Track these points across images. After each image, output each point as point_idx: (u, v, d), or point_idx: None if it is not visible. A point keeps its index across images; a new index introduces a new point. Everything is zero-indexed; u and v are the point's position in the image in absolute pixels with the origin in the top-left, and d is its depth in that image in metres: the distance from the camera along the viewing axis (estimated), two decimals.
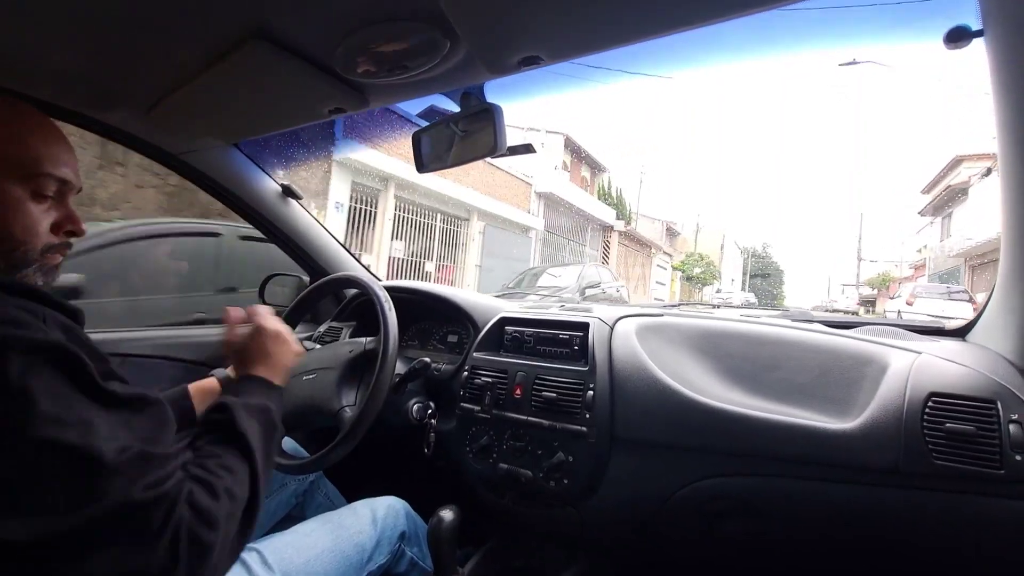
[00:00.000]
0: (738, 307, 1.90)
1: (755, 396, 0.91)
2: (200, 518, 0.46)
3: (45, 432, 0.40)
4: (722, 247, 34.03)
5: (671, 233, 28.85)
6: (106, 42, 0.72)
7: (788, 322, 1.07)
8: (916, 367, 0.82)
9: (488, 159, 0.89)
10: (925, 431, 0.75)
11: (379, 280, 1.02)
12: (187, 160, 1.17)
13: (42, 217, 0.56)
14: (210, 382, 0.90)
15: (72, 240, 0.60)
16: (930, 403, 0.76)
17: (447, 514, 0.82)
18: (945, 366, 0.82)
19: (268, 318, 0.76)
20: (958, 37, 0.60)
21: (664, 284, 23.13)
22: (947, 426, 0.74)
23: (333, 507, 0.91)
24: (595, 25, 0.60)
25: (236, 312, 0.80)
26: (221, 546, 0.48)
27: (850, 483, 0.79)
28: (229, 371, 0.89)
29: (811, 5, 0.57)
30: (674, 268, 25.17)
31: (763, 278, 40.57)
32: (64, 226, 0.58)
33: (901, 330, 1.03)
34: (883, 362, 0.86)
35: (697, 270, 27.65)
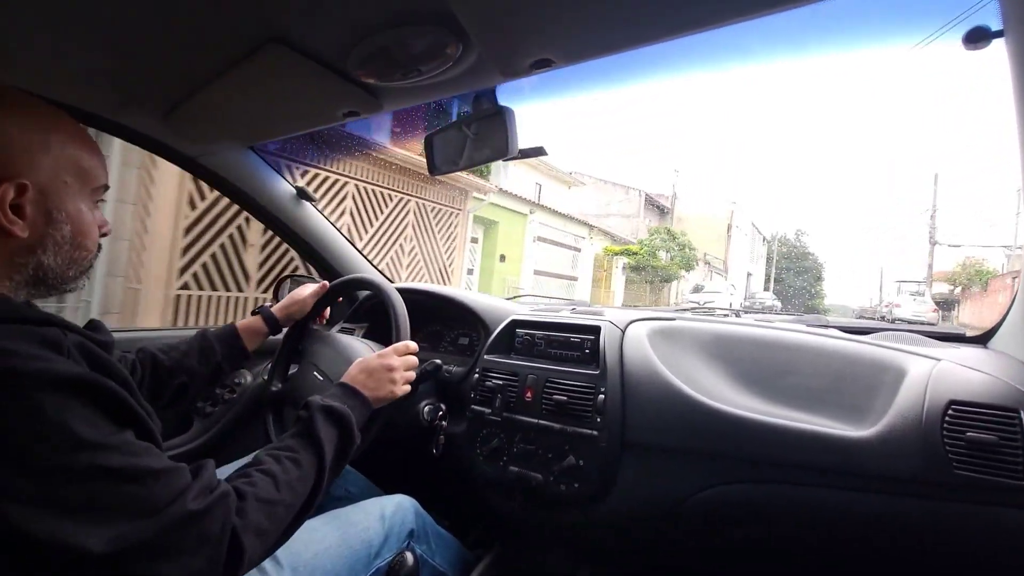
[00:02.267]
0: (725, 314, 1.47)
1: (768, 402, 0.90)
2: (259, 513, 0.54)
3: (92, 459, 0.44)
4: (729, 229, 23.36)
5: (656, 208, 20.81)
6: (128, 47, 0.73)
7: (803, 327, 1.06)
8: (935, 374, 0.80)
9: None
10: (945, 440, 0.73)
11: (391, 282, 1.03)
12: (204, 162, 1.18)
13: (95, 223, 0.59)
14: (256, 321, 1.02)
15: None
16: (950, 411, 0.75)
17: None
18: (966, 373, 0.80)
19: (400, 345, 0.89)
20: (978, 38, 0.59)
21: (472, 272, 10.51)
22: (968, 435, 0.72)
23: (350, 502, 0.91)
24: (607, 28, 0.60)
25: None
26: (275, 536, 0.57)
27: (866, 492, 0.77)
28: (274, 309, 1.04)
29: (827, 6, 0.57)
30: (614, 254, 15.43)
31: (797, 274, 31.45)
32: (101, 229, 0.61)
33: (919, 336, 1.01)
34: (901, 369, 0.84)
35: (665, 255, 16.37)
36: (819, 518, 0.81)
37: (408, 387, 0.86)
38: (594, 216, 18.08)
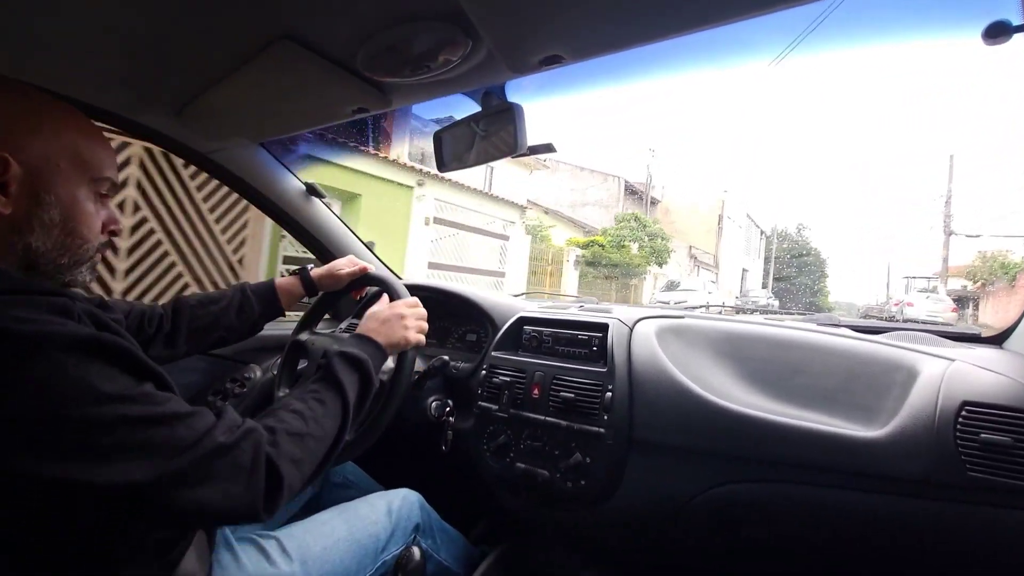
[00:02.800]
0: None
1: (778, 401, 0.89)
2: (290, 443, 0.57)
3: (116, 410, 0.46)
4: (720, 220, 20.69)
5: (637, 197, 18.43)
6: (142, 47, 0.74)
7: (813, 326, 1.05)
8: (949, 374, 0.79)
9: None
10: (958, 441, 0.72)
11: (400, 278, 1.03)
12: (215, 159, 1.20)
13: (98, 217, 0.60)
14: (294, 282, 1.04)
15: (114, 240, 0.63)
16: (964, 412, 0.73)
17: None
18: (980, 374, 0.79)
19: (407, 299, 0.92)
20: (998, 33, 0.58)
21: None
22: (982, 437, 0.71)
23: (354, 495, 0.93)
24: (618, 24, 0.59)
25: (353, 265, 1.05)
26: (310, 466, 0.60)
27: (877, 493, 0.76)
28: (313, 273, 1.04)
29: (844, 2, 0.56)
30: (579, 246, 12.83)
31: (799, 270, 28.50)
32: (109, 226, 0.62)
33: (932, 336, 1.00)
34: (913, 369, 0.83)
35: (635, 247, 13.84)
36: (828, 518, 0.81)
37: (423, 336, 0.89)
38: (569, 205, 16.93)
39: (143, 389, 0.49)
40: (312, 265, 1.06)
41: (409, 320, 0.86)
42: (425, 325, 0.90)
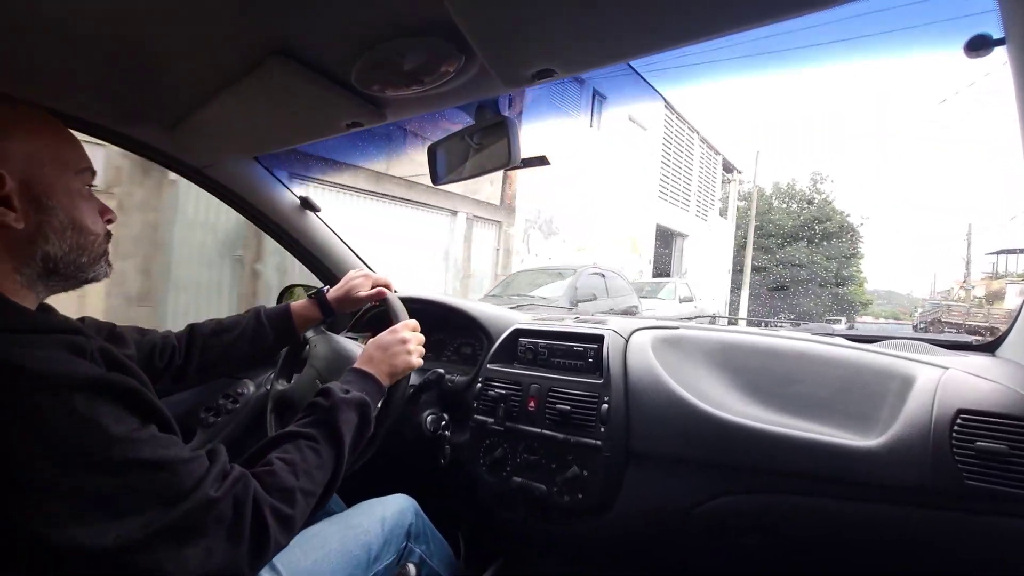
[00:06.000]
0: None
1: (774, 411, 0.89)
2: (279, 499, 0.55)
3: (124, 452, 0.45)
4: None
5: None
6: (134, 60, 0.74)
7: (807, 335, 1.05)
8: (943, 382, 0.79)
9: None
10: (954, 449, 0.72)
11: (395, 292, 1.03)
12: (210, 174, 1.20)
13: (94, 207, 0.60)
14: (310, 306, 0.99)
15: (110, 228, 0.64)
16: (959, 420, 0.74)
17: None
18: (974, 382, 0.79)
19: (409, 322, 0.88)
20: (979, 46, 0.59)
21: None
22: (978, 444, 0.71)
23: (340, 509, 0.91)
24: (607, 39, 0.60)
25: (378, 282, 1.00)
26: (298, 522, 0.57)
27: (873, 501, 0.76)
28: (329, 296, 1.00)
29: (825, 18, 0.57)
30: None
31: (814, 245, 18.76)
32: (105, 215, 0.62)
33: (926, 344, 1.00)
34: (908, 377, 0.83)
35: None
36: (826, 527, 0.80)
37: (421, 360, 0.87)
38: None
39: (149, 431, 0.49)
40: (327, 287, 1.02)
41: (411, 344, 0.84)
42: (423, 349, 0.89)
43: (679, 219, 14.34)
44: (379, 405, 0.79)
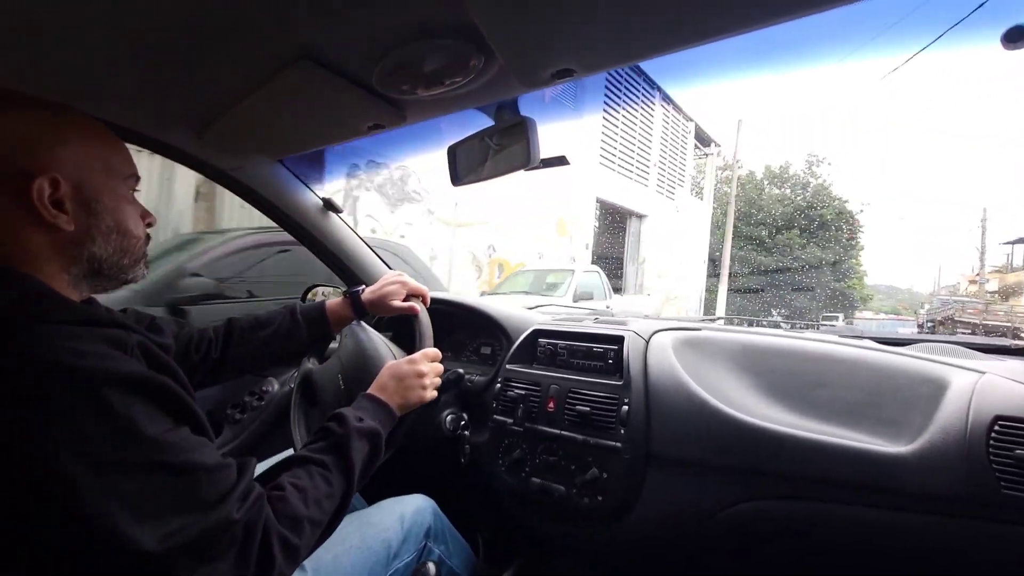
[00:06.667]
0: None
1: (800, 415, 0.87)
2: (288, 526, 0.54)
3: (151, 454, 0.46)
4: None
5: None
6: (167, 67, 0.77)
7: (835, 337, 1.02)
8: (980, 388, 0.76)
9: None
10: (991, 457, 0.69)
11: (427, 306, 1.03)
12: (236, 176, 1.22)
13: (136, 211, 0.62)
14: (344, 305, 0.98)
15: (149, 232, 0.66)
16: (996, 427, 0.71)
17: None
18: (1012, 387, 0.76)
19: (429, 351, 0.87)
20: (1017, 36, 0.57)
21: None
22: (1017, 452, 0.68)
23: (365, 503, 0.92)
24: (626, 38, 0.60)
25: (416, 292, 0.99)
26: (304, 551, 0.57)
27: (904, 510, 0.74)
28: (364, 297, 0.98)
29: (860, 9, 0.55)
30: None
31: (808, 234, 16.71)
32: (146, 218, 0.64)
33: (960, 347, 0.97)
34: (942, 382, 0.80)
35: None
36: (854, 536, 0.78)
37: (436, 392, 0.86)
38: None
39: (180, 433, 0.49)
40: (362, 287, 1.00)
41: (428, 379, 0.83)
42: (439, 381, 0.87)
43: (634, 195, 11.03)
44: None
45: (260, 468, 1.02)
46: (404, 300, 0.98)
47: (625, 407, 0.95)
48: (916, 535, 0.73)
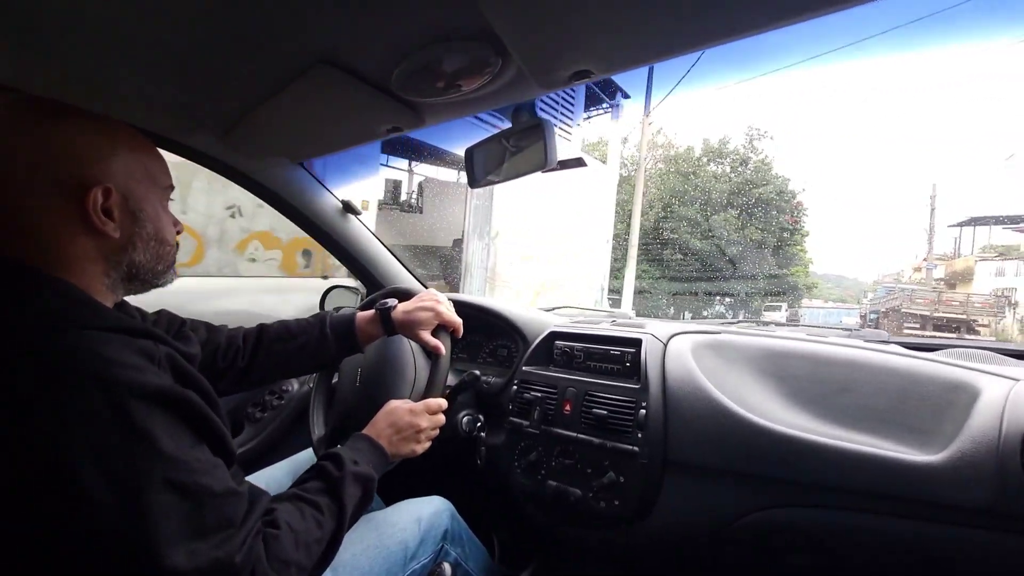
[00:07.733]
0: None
1: (823, 421, 0.85)
2: (276, 569, 0.53)
3: (165, 472, 0.46)
4: None
5: None
6: (192, 72, 0.78)
7: (860, 342, 1.00)
8: (1013, 396, 0.73)
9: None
10: None
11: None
12: (257, 178, 1.25)
13: (170, 220, 0.65)
14: (374, 321, 0.96)
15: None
16: None
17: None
18: None
19: (432, 402, 0.86)
20: None
21: None
22: None
23: (381, 505, 0.93)
24: (644, 38, 0.59)
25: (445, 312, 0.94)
26: None
27: (933, 521, 0.71)
28: (394, 315, 0.95)
29: (886, 6, 0.54)
30: None
31: (746, 213, 15.49)
32: (176, 227, 0.67)
33: (992, 353, 0.93)
34: (973, 389, 0.78)
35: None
36: (880, 547, 0.76)
37: (428, 444, 0.85)
38: None
39: (196, 453, 0.49)
40: (393, 303, 0.97)
41: (424, 433, 0.82)
42: (438, 431, 0.86)
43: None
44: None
45: (279, 468, 1.04)
46: (434, 331, 0.94)
47: (643, 411, 0.94)
48: (945, 547, 0.71)
